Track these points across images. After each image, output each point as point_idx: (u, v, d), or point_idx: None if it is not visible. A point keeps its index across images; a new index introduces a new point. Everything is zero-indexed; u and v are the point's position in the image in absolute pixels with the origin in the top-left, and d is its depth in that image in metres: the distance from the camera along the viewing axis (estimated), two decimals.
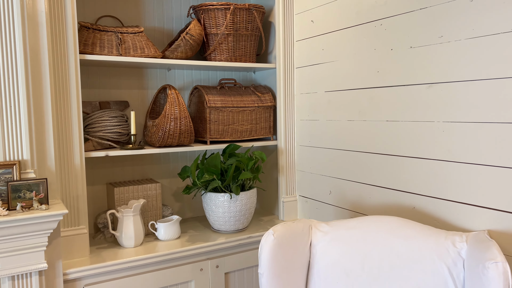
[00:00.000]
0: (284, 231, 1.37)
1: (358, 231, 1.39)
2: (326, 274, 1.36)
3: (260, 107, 2.10)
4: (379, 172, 1.66)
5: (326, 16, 1.88)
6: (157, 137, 1.84)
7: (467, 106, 1.33)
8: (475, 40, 1.30)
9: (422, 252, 1.27)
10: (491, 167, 1.27)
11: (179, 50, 1.89)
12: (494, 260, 1.05)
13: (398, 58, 1.55)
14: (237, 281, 1.89)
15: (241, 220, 1.93)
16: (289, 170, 2.13)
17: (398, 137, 1.57)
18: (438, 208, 1.44)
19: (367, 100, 1.69)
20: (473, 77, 1.31)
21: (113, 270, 1.61)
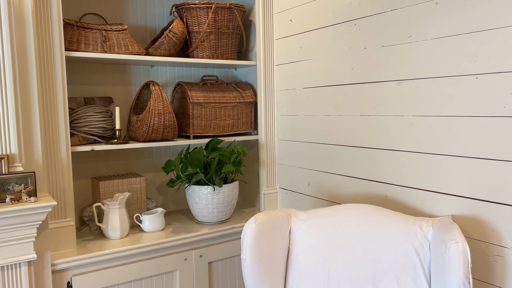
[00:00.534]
0: (265, 219, 1.45)
1: (334, 218, 1.48)
2: (305, 258, 1.45)
3: (241, 103, 2.17)
4: (354, 164, 1.76)
5: (304, 15, 1.96)
6: (141, 132, 1.89)
7: (433, 101, 1.44)
8: (440, 40, 1.40)
9: (393, 236, 1.37)
10: (455, 157, 1.38)
11: (162, 48, 1.94)
12: (455, 241, 1.16)
13: (371, 56, 1.65)
14: (220, 270, 1.97)
15: (224, 211, 2.00)
16: (270, 163, 2.22)
17: (371, 131, 1.67)
18: (407, 196, 1.55)
19: (342, 96, 1.79)
20: (438, 74, 1.42)
21: (100, 260, 1.66)
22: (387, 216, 1.43)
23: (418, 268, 1.32)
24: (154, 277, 1.80)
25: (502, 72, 1.24)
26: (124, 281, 1.72)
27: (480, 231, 1.33)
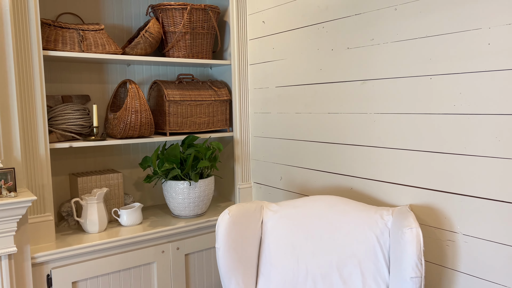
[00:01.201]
0: (238, 210, 1.54)
1: (303, 209, 1.59)
2: (276, 247, 1.54)
3: (216, 100, 2.25)
4: (322, 158, 1.87)
5: (276, 17, 2.06)
6: (118, 129, 1.95)
7: (393, 100, 1.55)
8: (399, 43, 1.52)
9: (356, 224, 1.49)
10: (412, 151, 1.51)
11: (138, 47, 2.00)
12: (410, 227, 1.28)
13: (337, 57, 1.75)
14: (196, 261, 2.05)
15: (200, 205, 2.08)
16: (245, 159, 2.31)
17: (338, 127, 1.78)
18: (371, 188, 1.67)
19: (311, 94, 1.89)
20: (397, 74, 1.53)
21: (79, 253, 1.71)
22: (351, 206, 1.55)
23: (379, 253, 1.43)
24: (132, 269, 1.86)
25: (452, 74, 1.37)
26: (103, 273, 1.78)
27: (434, 218, 1.46)
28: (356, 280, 1.43)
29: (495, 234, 1.29)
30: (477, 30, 1.29)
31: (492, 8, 1.25)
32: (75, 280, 1.72)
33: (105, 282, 1.79)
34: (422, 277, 1.24)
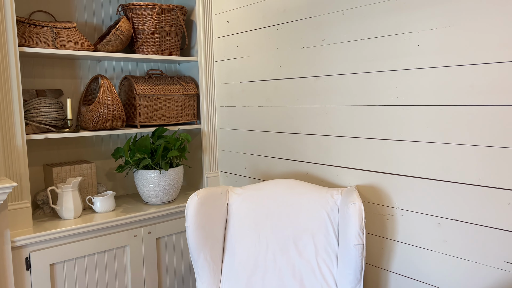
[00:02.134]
0: (206, 193, 1.71)
1: (264, 191, 1.78)
2: (240, 225, 1.73)
3: (184, 95, 2.40)
4: (282, 147, 2.06)
5: (240, 18, 2.23)
6: (92, 121, 2.07)
7: (342, 94, 1.76)
8: (346, 43, 1.73)
9: (310, 203, 1.69)
10: (358, 138, 1.72)
11: (110, 44, 2.12)
12: (353, 202, 1.49)
13: (294, 56, 1.95)
14: (167, 244, 2.20)
15: (170, 193, 2.23)
16: (212, 149, 2.47)
17: (295, 119, 1.98)
18: (324, 172, 1.88)
19: (272, 89, 2.08)
20: (345, 71, 1.74)
21: (56, 237, 1.83)
22: (306, 188, 1.75)
23: (329, 227, 1.64)
24: (106, 252, 1.99)
25: (389, 71, 1.59)
26: (79, 255, 1.90)
27: (376, 196, 1.68)
28: (310, 251, 1.64)
29: (424, 207, 1.53)
30: (409, 33, 1.52)
31: (421, 15, 1.48)
32: (53, 262, 1.83)
33: (81, 264, 1.91)
34: (363, 244, 1.46)
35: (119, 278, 2.04)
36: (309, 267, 1.62)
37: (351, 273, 1.50)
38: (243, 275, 1.66)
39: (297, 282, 1.61)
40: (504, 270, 1.34)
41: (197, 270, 1.69)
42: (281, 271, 1.64)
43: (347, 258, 1.50)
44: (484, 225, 1.37)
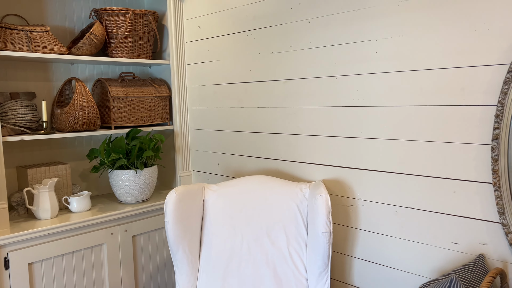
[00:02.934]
0: (184, 190, 1.81)
1: (237, 187, 1.90)
2: (216, 219, 1.84)
3: (157, 97, 2.48)
4: (253, 146, 2.20)
5: (210, 24, 2.34)
6: (67, 123, 2.11)
7: (308, 96, 1.92)
8: (312, 49, 1.88)
9: (281, 196, 1.83)
10: (324, 136, 1.88)
11: (84, 48, 2.17)
12: (321, 194, 1.64)
13: (264, 60, 2.08)
14: (143, 242, 2.27)
15: (145, 192, 2.31)
16: (184, 149, 2.56)
17: (265, 119, 2.12)
18: (293, 168, 2.02)
19: (243, 91, 2.21)
20: (311, 75, 1.90)
21: (35, 237, 1.87)
22: (277, 183, 1.89)
23: (299, 218, 1.79)
24: (84, 250, 2.05)
25: (351, 75, 1.75)
26: (57, 254, 1.95)
27: (341, 189, 1.84)
28: (281, 240, 1.77)
29: (383, 197, 1.70)
30: (368, 41, 1.69)
31: (378, 25, 1.65)
32: (31, 261, 1.87)
33: (59, 263, 1.96)
34: (330, 232, 1.61)
35: (96, 275, 2.09)
36: (281, 256, 1.76)
37: (319, 259, 1.65)
38: (220, 265, 1.78)
39: (271, 270, 1.75)
40: (451, 250, 1.53)
41: (176, 262, 1.78)
42: (256, 260, 1.77)
43: (316, 245, 1.65)
44: (434, 211, 1.56)
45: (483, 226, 1.44)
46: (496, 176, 1.37)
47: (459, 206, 1.49)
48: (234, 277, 1.76)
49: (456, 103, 1.47)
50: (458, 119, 1.47)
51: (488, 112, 1.40)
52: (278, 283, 1.73)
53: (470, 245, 1.48)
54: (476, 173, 1.44)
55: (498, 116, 1.35)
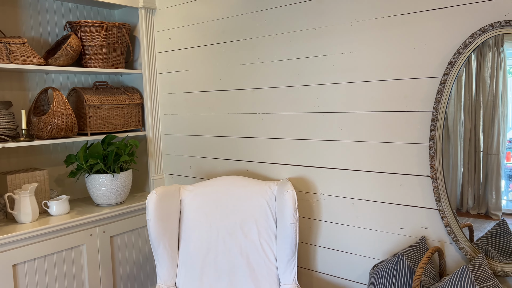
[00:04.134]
0: (163, 190, 1.97)
1: (212, 187, 2.08)
2: (192, 216, 2.01)
3: (130, 104, 2.62)
4: (224, 149, 2.39)
5: (181, 36, 2.51)
6: (46, 131, 2.21)
7: (273, 103, 2.14)
8: (276, 62, 2.11)
9: (252, 194, 2.03)
10: (289, 139, 2.11)
11: (61, 59, 2.28)
12: (288, 190, 1.86)
13: (233, 71, 2.29)
14: (120, 242, 2.40)
15: (121, 194, 2.43)
16: (157, 154, 2.71)
17: (235, 124, 2.32)
18: (261, 168, 2.23)
19: (214, 99, 2.40)
20: (277, 85, 2.12)
21: (19, 239, 1.96)
22: (248, 182, 2.09)
23: (268, 212, 2.00)
24: (64, 251, 2.15)
25: (312, 85, 1.99)
26: (39, 256, 2.04)
27: (305, 185, 2.07)
28: (253, 233, 1.98)
29: (341, 191, 1.95)
30: (326, 56, 1.93)
31: (334, 42, 1.90)
32: (15, 263, 1.96)
33: (41, 264, 2.05)
34: (297, 223, 1.83)
35: (77, 275, 2.20)
36: (253, 247, 1.96)
37: (288, 247, 1.86)
38: (198, 258, 1.95)
39: (244, 260, 1.94)
40: (399, 234, 1.80)
41: (157, 257, 1.94)
42: (230, 251, 1.96)
43: (284, 235, 1.86)
44: (384, 202, 1.82)
45: (424, 213, 1.72)
46: (433, 170, 1.65)
47: (405, 197, 1.76)
48: (211, 268, 1.95)
49: (400, 109, 1.74)
50: (402, 122, 1.74)
51: (426, 116, 1.68)
52: (251, 272, 1.93)
53: (414, 229, 1.75)
54: (418, 168, 1.72)
55: (434, 120, 1.63)
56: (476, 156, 1.63)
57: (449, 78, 1.57)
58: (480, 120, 1.60)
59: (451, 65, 1.57)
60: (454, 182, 1.68)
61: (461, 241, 1.63)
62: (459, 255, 1.66)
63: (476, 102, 1.59)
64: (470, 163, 1.64)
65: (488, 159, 1.61)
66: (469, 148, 1.64)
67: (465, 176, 1.65)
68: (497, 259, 1.58)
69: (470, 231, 1.71)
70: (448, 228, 1.64)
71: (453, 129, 1.65)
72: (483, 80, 1.56)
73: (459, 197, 1.68)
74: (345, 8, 1.85)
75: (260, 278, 1.93)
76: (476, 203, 1.65)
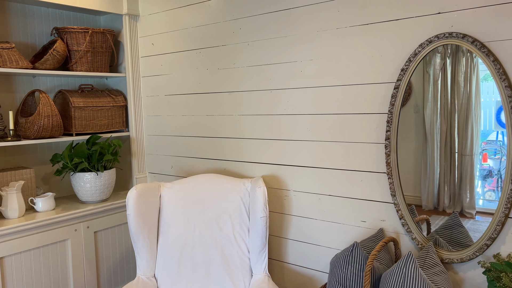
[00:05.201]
0: (143, 187, 2.10)
1: (190, 184, 2.22)
2: (171, 211, 2.15)
3: (114, 106, 2.75)
4: (203, 149, 2.53)
5: (163, 41, 2.65)
6: (32, 131, 2.33)
7: (248, 106, 2.28)
8: (251, 67, 2.26)
9: (227, 190, 2.17)
10: (262, 139, 2.25)
11: (48, 63, 2.40)
12: (259, 186, 2.01)
13: (211, 75, 2.43)
14: (103, 237, 2.52)
15: (105, 192, 2.56)
16: (140, 154, 2.84)
17: (213, 125, 2.46)
18: (237, 167, 2.38)
19: (193, 101, 2.54)
20: (251, 88, 2.27)
21: (6, 233, 2.07)
22: (224, 179, 2.23)
23: (242, 207, 2.14)
24: (50, 245, 2.27)
25: (282, 89, 2.14)
26: (25, 249, 2.16)
27: (277, 182, 2.22)
28: (228, 227, 2.12)
29: (309, 188, 2.10)
30: (295, 62, 2.09)
31: (302, 49, 2.05)
32: (2, 256, 2.07)
33: (27, 257, 2.17)
34: (267, 217, 1.98)
35: (62, 267, 2.32)
36: (227, 239, 2.10)
37: (259, 239, 2.01)
38: (176, 250, 2.09)
39: (219, 251, 2.08)
40: (360, 226, 1.95)
41: (137, 249, 2.07)
42: (206, 244, 2.10)
43: (256, 228, 2.01)
44: (347, 197, 1.98)
45: (382, 207, 1.88)
46: (389, 167, 1.81)
47: (365, 192, 1.92)
48: (188, 259, 2.08)
49: (361, 112, 1.90)
50: (362, 124, 1.90)
51: (382, 118, 1.84)
52: (225, 263, 2.07)
53: (373, 222, 1.91)
54: (376, 166, 1.87)
55: (389, 121, 1.79)
56: (451, 157, 1.73)
57: (402, 83, 1.74)
58: (455, 122, 1.68)
59: (403, 72, 1.73)
60: (431, 182, 1.78)
61: (414, 232, 1.79)
62: (412, 244, 1.82)
63: (451, 105, 1.67)
64: (446, 163, 1.73)
65: (463, 160, 1.70)
66: (445, 149, 1.73)
67: (441, 176, 1.75)
68: (446, 248, 1.74)
69: (428, 224, 1.87)
70: (402, 220, 1.80)
71: (430, 131, 1.74)
72: (458, 84, 1.65)
73: (436, 196, 1.78)
74: (311, 19, 2.00)
75: (233, 269, 2.07)
76: (452, 202, 1.75)
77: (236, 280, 2.04)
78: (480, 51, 1.54)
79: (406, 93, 1.76)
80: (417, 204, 1.83)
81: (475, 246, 1.64)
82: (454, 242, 1.75)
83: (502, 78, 1.51)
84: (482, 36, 1.56)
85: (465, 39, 1.57)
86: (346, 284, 1.65)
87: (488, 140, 1.67)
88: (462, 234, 1.76)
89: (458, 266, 1.71)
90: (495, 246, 1.60)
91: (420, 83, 1.75)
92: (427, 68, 1.73)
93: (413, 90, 1.78)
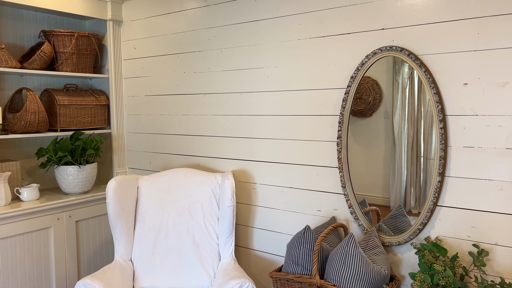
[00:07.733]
0: (121, 178, 2.31)
1: (166, 177, 2.43)
2: (147, 201, 2.36)
3: (97, 105, 2.94)
4: (179, 145, 2.74)
5: (144, 46, 2.86)
6: (19, 126, 2.51)
7: (221, 107, 2.51)
8: (224, 72, 2.49)
9: (200, 183, 2.39)
10: (232, 137, 2.48)
11: (35, 63, 2.59)
12: (228, 179, 2.24)
13: (188, 78, 2.65)
14: (84, 226, 2.71)
15: (86, 184, 2.75)
16: (121, 150, 3.04)
17: (190, 124, 2.68)
18: (210, 162, 2.60)
19: (171, 102, 2.75)
20: (224, 91, 2.50)
21: None
22: (198, 173, 2.45)
23: (213, 198, 2.36)
24: (34, 232, 2.45)
25: (251, 92, 2.38)
26: (10, 235, 2.33)
27: (245, 176, 2.45)
28: (199, 216, 2.34)
29: (273, 181, 2.33)
30: (262, 68, 2.33)
31: (269, 57, 2.30)
32: None
33: (12, 242, 2.35)
34: (234, 206, 2.20)
35: (44, 252, 2.50)
36: (199, 227, 2.32)
37: (226, 227, 2.23)
38: (151, 236, 2.30)
39: (190, 238, 2.30)
40: (316, 215, 2.20)
41: (115, 235, 2.27)
42: (179, 231, 2.31)
43: (224, 216, 2.23)
44: (305, 189, 2.22)
45: (334, 197, 2.13)
46: (340, 162, 2.06)
47: (320, 184, 2.17)
48: (162, 245, 2.29)
49: (318, 113, 2.15)
50: (319, 124, 2.15)
51: (335, 119, 2.09)
52: (196, 248, 2.29)
53: (327, 211, 2.15)
54: (330, 161, 2.12)
55: (340, 122, 2.04)
56: (417, 161, 1.89)
57: (351, 89, 1.99)
58: (421, 128, 1.82)
59: (353, 79, 1.98)
60: (399, 184, 1.94)
61: (361, 219, 2.04)
62: (359, 230, 2.07)
63: (418, 112, 1.82)
64: (412, 167, 1.88)
65: (428, 163, 1.84)
66: (412, 153, 1.88)
67: (408, 178, 1.90)
68: (388, 233, 2.00)
69: (377, 215, 2.13)
70: (351, 209, 2.05)
71: (398, 136, 1.90)
72: (424, 92, 1.80)
73: (403, 198, 1.93)
74: (276, 30, 2.25)
75: (203, 254, 2.29)
76: (417, 203, 1.91)
77: (206, 264, 2.26)
78: (414, 63, 1.81)
79: (377, 100, 1.91)
80: (385, 205, 2.01)
81: (410, 231, 1.90)
82: (398, 230, 2.00)
83: (432, 86, 1.77)
84: (417, 50, 1.82)
85: (402, 52, 1.83)
86: (299, 262, 1.89)
87: None
88: (405, 223, 2.01)
89: (397, 248, 1.96)
90: (426, 230, 1.86)
91: (389, 91, 1.91)
92: (396, 77, 1.88)
93: (383, 97, 1.95)
